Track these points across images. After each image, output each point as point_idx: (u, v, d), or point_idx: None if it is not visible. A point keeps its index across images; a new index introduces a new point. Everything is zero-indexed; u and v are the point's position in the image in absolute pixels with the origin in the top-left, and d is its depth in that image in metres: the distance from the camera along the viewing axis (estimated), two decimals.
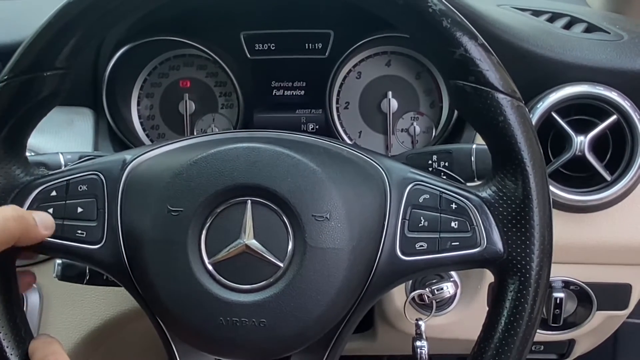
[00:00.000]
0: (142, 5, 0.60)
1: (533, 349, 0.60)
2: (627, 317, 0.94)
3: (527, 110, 0.59)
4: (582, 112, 0.83)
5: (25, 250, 0.59)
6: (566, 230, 0.82)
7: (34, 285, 0.84)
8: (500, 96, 0.57)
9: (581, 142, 0.81)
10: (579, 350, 0.99)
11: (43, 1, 0.85)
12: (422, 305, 0.83)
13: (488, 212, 0.58)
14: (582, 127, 0.82)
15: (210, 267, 0.56)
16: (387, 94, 0.92)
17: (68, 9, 0.57)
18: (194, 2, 0.86)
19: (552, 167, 0.82)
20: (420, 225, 0.58)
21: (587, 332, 0.93)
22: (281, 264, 0.56)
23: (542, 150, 0.59)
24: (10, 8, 0.90)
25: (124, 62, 0.89)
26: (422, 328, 0.78)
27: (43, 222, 0.58)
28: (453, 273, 0.84)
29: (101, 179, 0.60)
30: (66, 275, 0.70)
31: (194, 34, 0.90)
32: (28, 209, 0.59)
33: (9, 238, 0.55)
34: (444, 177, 0.65)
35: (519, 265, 0.57)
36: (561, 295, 0.90)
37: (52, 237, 0.59)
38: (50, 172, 0.61)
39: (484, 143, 0.61)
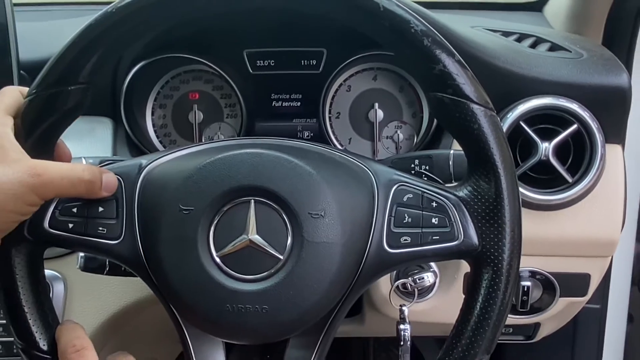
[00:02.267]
0: (155, 27, 0.59)
1: (503, 331, 0.61)
2: (586, 303, 0.94)
3: (498, 119, 0.59)
4: (547, 121, 0.83)
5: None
6: (533, 226, 0.82)
7: (59, 275, 0.83)
8: (475, 107, 0.57)
9: (546, 148, 0.81)
10: (543, 332, 1.00)
11: (67, 22, 0.85)
12: (405, 293, 0.83)
13: (464, 209, 0.58)
14: (547, 135, 0.82)
15: (217, 260, 0.56)
16: (374, 105, 0.92)
17: (90, 29, 0.57)
18: (201, 24, 0.86)
19: (520, 170, 0.82)
20: (404, 221, 0.58)
21: (550, 316, 0.93)
22: (281, 257, 0.56)
23: (512, 155, 0.59)
24: (38, 29, 0.90)
25: (139, 76, 0.89)
26: (406, 313, 0.78)
27: (107, 183, 0.58)
28: (433, 264, 0.84)
29: (120, 182, 0.59)
30: (88, 267, 0.70)
31: (202, 51, 0.90)
32: (53, 209, 0.58)
33: (76, 190, 0.56)
34: (425, 178, 0.65)
35: (492, 257, 0.57)
36: (528, 283, 0.90)
37: (75, 233, 0.58)
38: None
39: (460, 148, 0.60)
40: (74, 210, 0.58)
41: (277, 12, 0.67)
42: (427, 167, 0.69)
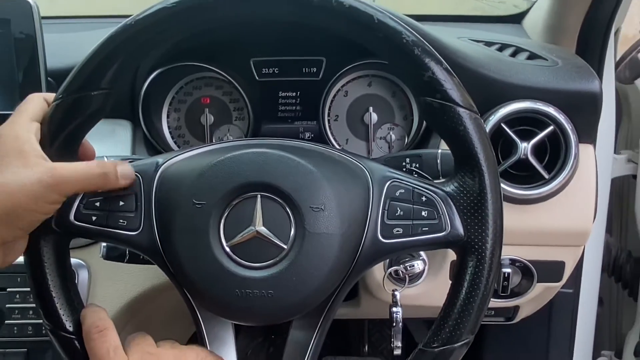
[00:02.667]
0: (170, 38, 0.60)
1: (486, 313, 0.61)
2: (561, 288, 0.95)
3: (482, 121, 0.59)
4: (526, 123, 0.83)
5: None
6: (513, 218, 0.82)
7: (83, 263, 0.84)
8: (461, 110, 0.57)
9: (525, 147, 0.82)
10: (522, 314, 1.00)
11: (90, 34, 0.85)
12: (397, 279, 0.84)
13: (451, 203, 0.58)
14: (526, 136, 0.82)
15: (227, 249, 0.56)
16: (369, 108, 0.92)
17: (111, 40, 0.57)
18: (212, 35, 0.86)
19: (502, 168, 0.82)
20: (397, 214, 0.58)
21: (529, 300, 0.94)
22: (285, 246, 0.56)
23: (494, 154, 0.59)
24: (63, 40, 0.90)
25: (156, 83, 0.89)
26: (398, 297, 0.79)
27: (123, 173, 0.58)
28: (422, 252, 0.84)
29: (139, 178, 0.59)
30: (110, 255, 0.70)
31: (212, 60, 0.90)
32: (78, 203, 0.58)
33: (93, 184, 0.56)
34: (415, 175, 0.65)
35: (476, 246, 0.57)
36: (508, 270, 0.90)
37: (98, 225, 0.58)
38: None
39: (447, 148, 0.61)
40: (97, 204, 0.59)
41: (282, 24, 0.67)
42: (417, 165, 0.69)
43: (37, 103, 0.59)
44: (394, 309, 0.77)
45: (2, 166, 0.53)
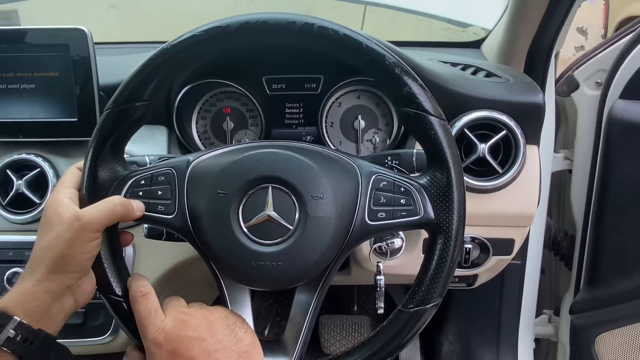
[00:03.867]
0: (197, 60, 0.59)
1: (451, 280, 0.61)
2: (511, 260, 0.95)
3: (449, 127, 0.59)
4: (484, 128, 0.83)
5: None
6: (474, 204, 0.81)
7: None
8: (432, 118, 0.57)
9: (483, 148, 0.81)
10: (480, 281, 1.00)
11: (134, 57, 0.84)
12: (381, 253, 0.83)
13: (424, 192, 0.58)
14: (484, 138, 0.82)
15: (245, 230, 0.56)
16: (358, 117, 0.91)
17: (150, 61, 0.57)
18: (231, 57, 0.86)
19: (465, 164, 0.82)
20: (380, 201, 0.58)
21: (485, 269, 0.94)
22: (291, 227, 0.56)
23: (459, 153, 0.59)
24: (112, 61, 0.89)
25: (187, 96, 0.89)
26: (381, 267, 0.78)
27: (137, 207, 0.58)
28: (401, 232, 0.84)
29: (173, 172, 0.59)
30: (150, 234, 0.70)
31: (232, 77, 0.89)
32: (125, 193, 0.58)
33: (117, 217, 0.56)
34: (395, 170, 0.65)
35: (444, 227, 0.57)
36: (469, 246, 0.90)
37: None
38: (140, 168, 0.61)
39: (421, 148, 0.61)
40: (140, 194, 0.59)
41: (289, 49, 0.66)
42: (396, 162, 0.69)
43: (73, 173, 0.59)
44: (378, 277, 0.77)
45: (48, 227, 0.54)
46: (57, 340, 0.54)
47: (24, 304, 0.51)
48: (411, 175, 0.61)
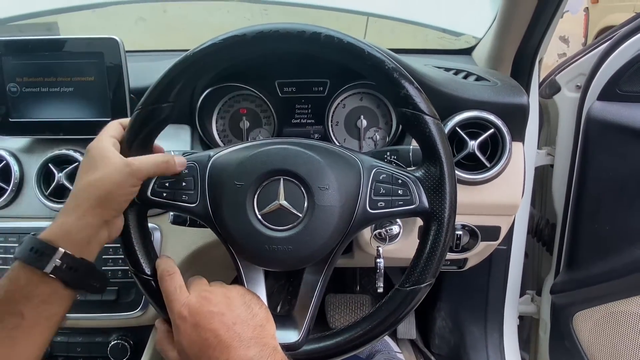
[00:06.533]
0: (217, 66, 0.59)
1: (443, 263, 0.61)
2: (498, 245, 0.94)
3: (442, 126, 0.59)
4: (473, 127, 0.83)
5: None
6: (464, 195, 0.82)
7: (157, 226, 0.84)
8: (427, 118, 0.57)
9: (473, 144, 0.81)
10: (469, 264, 1.00)
11: (161, 63, 0.84)
12: (380, 238, 0.84)
13: (420, 184, 0.58)
14: (474, 136, 0.82)
15: (259, 217, 0.56)
16: (361, 116, 0.91)
17: (175, 67, 0.57)
18: (247, 63, 0.86)
19: (456, 159, 0.81)
20: (380, 192, 0.58)
21: (474, 254, 0.93)
22: (300, 215, 0.56)
23: (451, 149, 0.59)
24: (142, 67, 0.90)
25: (208, 98, 0.89)
26: (380, 251, 0.78)
27: (179, 162, 0.58)
28: (398, 220, 0.84)
29: (196, 166, 0.59)
30: (176, 221, 0.70)
31: (248, 81, 0.89)
32: (153, 184, 0.58)
33: (161, 170, 0.57)
34: (394, 164, 0.65)
35: (437, 215, 0.57)
36: (460, 232, 0.90)
37: (167, 199, 0.59)
38: None
39: (417, 145, 0.60)
40: (167, 184, 0.59)
41: (299, 55, 0.66)
42: (395, 157, 0.69)
43: (115, 126, 0.59)
44: (378, 260, 0.78)
45: (94, 168, 0.54)
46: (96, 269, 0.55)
47: (69, 235, 0.52)
48: (408, 168, 0.61)
